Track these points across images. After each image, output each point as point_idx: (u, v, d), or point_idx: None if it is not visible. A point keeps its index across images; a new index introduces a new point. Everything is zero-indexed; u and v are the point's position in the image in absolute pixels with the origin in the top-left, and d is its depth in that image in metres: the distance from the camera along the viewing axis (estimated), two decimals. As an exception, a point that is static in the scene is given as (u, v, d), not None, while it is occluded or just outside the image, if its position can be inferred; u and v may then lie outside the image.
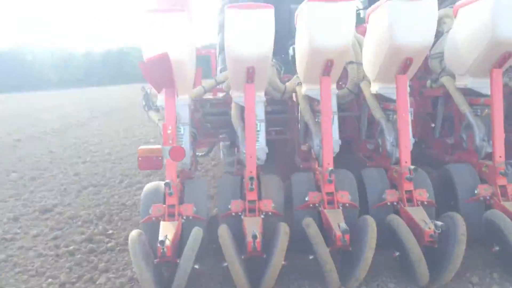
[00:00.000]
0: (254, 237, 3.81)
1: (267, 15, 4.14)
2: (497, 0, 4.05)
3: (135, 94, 31.34)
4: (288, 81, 5.54)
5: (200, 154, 6.89)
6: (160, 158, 4.80)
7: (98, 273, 4.59)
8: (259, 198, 4.35)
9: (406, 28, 4.16)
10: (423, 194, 4.30)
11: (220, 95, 6.30)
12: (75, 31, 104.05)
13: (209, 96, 6.15)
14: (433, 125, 5.63)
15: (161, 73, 4.11)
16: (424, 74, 5.74)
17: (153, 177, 8.33)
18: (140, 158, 5.19)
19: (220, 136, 6.28)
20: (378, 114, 5.01)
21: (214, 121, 5.89)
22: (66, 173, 9.08)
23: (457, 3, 4.80)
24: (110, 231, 5.73)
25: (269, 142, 5.02)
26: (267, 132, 5.15)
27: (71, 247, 5.17)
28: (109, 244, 5.30)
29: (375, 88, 4.97)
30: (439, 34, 5.24)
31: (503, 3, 4.04)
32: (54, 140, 13.50)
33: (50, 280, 4.45)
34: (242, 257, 3.90)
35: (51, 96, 34.26)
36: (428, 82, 5.61)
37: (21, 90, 41.74)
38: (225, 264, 3.76)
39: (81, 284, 4.39)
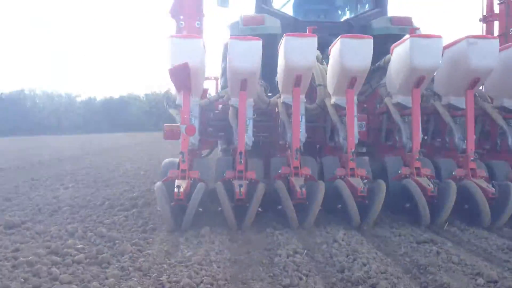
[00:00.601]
0: (240, 186, 5.80)
1: (256, 44, 6.15)
2: (412, 41, 6.21)
3: (132, 140, 31.06)
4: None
5: (203, 154, 8.52)
6: (178, 131, 6.26)
7: (58, 284, 3.85)
8: (246, 170, 6.23)
9: (351, 56, 6.22)
10: (363, 171, 6.31)
11: (220, 107, 8.20)
12: (78, 76, 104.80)
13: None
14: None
15: (182, 77, 6.06)
16: (378, 100, 7.99)
17: (139, 200, 7.66)
18: (165, 131, 6.58)
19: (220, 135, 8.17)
20: (335, 118, 6.95)
21: (215, 125, 7.94)
22: (44, 196, 8.38)
23: (393, 45, 6.87)
24: (80, 246, 4.98)
25: (257, 143, 7.16)
26: (257, 137, 7.16)
27: (30, 258, 4.42)
28: (76, 257, 4.56)
29: (333, 100, 6.98)
30: (387, 72, 7.22)
31: (416, 43, 6.19)
32: (40, 171, 12.82)
33: (-3, 289, 3.68)
34: (232, 204, 5.84)
35: (46, 138, 33.77)
36: (378, 105, 7.90)
37: (19, 134, 41.36)
38: (220, 209, 5.83)
39: (34, 294, 3.64)
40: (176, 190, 5.57)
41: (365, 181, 6.09)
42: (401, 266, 4.51)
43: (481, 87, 7.41)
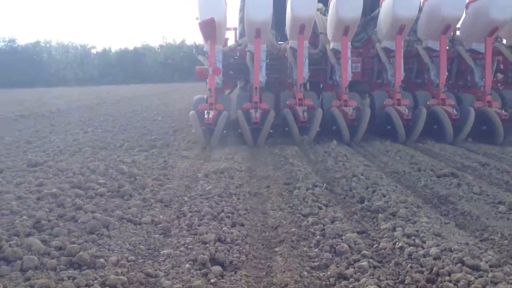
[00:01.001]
0: (255, 111, 7.63)
1: None
2: None
3: (147, 90, 31.00)
4: None
5: (226, 92, 10.34)
6: (207, 72, 7.94)
7: (82, 213, 3.92)
8: (260, 102, 7.85)
9: (344, 8, 7.60)
10: (354, 102, 7.95)
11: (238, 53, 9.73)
12: (92, 27, 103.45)
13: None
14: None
15: (209, 29, 7.42)
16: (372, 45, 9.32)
17: (158, 142, 7.69)
18: (197, 72, 8.85)
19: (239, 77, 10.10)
20: (333, 60, 8.46)
21: (234, 69, 9.74)
22: (64, 139, 8.47)
23: None
24: (102, 181, 5.05)
25: (269, 83, 8.72)
26: (269, 77, 8.63)
27: (54, 190, 4.50)
28: (99, 190, 4.64)
29: (331, 45, 8.47)
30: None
31: None
32: (59, 118, 12.94)
33: (24, 217, 3.75)
34: (249, 127, 7.45)
35: (63, 90, 33.96)
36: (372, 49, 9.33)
37: (35, 86, 41.51)
38: (239, 130, 7.55)
39: (60, 221, 3.72)
40: (206, 116, 7.40)
41: (354, 108, 7.78)
42: (421, 197, 4.51)
43: (458, 33, 9.16)
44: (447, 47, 8.65)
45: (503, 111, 7.76)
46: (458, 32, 9.18)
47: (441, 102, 7.83)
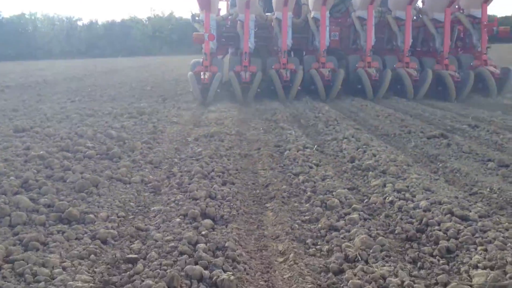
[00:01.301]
0: (245, 71, 8.84)
1: None
2: None
3: (136, 63, 30.59)
4: None
5: (219, 57, 10.85)
6: (203, 38, 8.70)
7: (71, 173, 3.87)
8: (249, 65, 8.88)
9: None
10: (331, 65, 9.09)
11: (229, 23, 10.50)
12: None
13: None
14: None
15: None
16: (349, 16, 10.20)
17: (147, 109, 7.60)
18: (194, 37, 8.95)
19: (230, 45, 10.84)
20: (313, 27, 9.43)
21: (226, 37, 10.55)
22: (51, 108, 8.33)
23: None
24: (90, 144, 4.99)
25: (257, 49, 9.79)
26: (257, 44, 9.67)
27: (42, 153, 4.44)
28: (87, 153, 4.58)
29: (312, 14, 9.47)
30: None
31: None
32: (45, 88, 12.71)
33: (12, 178, 3.70)
34: (240, 86, 8.77)
35: (49, 62, 33.39)
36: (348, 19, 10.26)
37: (21, 59, 40.70)
38: (231, 89, 8.87)
39: (48, 181, 3.67)
40: (202, 77, 8.64)
41: (330, 70, 8.94)
42: (411, 156, 4.52)
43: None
44: (414, 17, 9.99)
45: (457, 74, 8.90)
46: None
47: (405, 65, 9.03)
